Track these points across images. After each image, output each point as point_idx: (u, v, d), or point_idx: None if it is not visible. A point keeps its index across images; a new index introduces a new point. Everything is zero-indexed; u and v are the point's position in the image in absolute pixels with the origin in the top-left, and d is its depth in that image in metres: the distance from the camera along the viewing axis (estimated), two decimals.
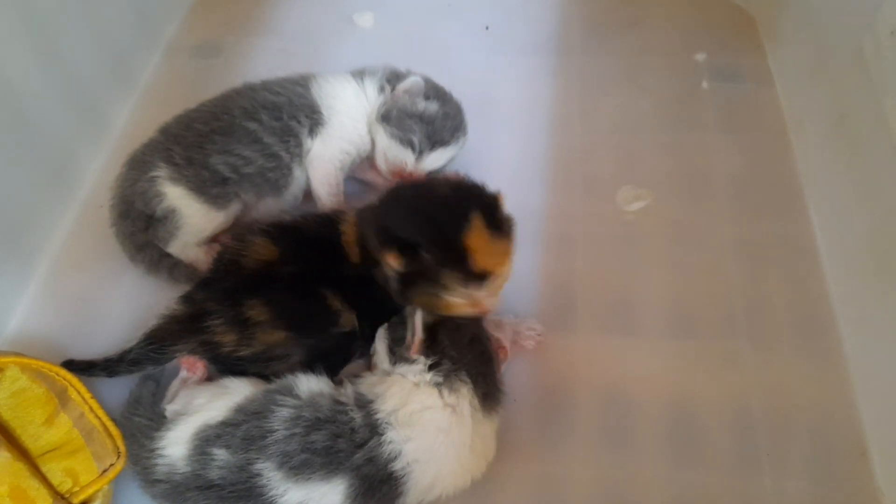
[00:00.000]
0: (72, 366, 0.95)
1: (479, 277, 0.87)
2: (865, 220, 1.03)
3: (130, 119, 1.34)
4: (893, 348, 0.94)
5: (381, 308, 0.95)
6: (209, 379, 0.97)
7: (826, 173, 1.15)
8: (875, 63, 1.02)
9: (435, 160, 1.14)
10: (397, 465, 0.82)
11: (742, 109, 1.32)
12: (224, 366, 0.95)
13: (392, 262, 0.87)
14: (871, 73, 1.02)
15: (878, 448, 0.94)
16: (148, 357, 0.95)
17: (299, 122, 1.11)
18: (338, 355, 0.97)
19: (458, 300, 0.88)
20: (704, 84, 1.37)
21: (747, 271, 1.11)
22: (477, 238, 0.86)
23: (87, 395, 0.93)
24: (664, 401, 1.00)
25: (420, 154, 1.12)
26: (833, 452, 0.95)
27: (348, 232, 0.97)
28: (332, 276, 0.95)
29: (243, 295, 0.93)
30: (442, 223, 0.87)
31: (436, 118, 1.12)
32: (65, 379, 0.93)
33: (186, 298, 0.98)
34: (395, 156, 1.13)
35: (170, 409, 0.90)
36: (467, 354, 0.88)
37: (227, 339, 0.92)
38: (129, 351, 0.95)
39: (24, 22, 1.09)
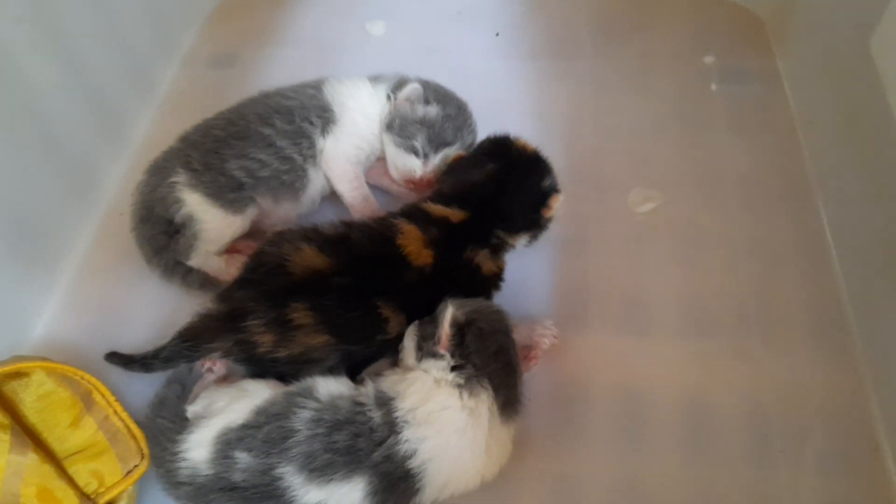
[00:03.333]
0: (113, 358, 0.97)
1: None
2: (876, 218, 1.03)
3: (150, 128, 1.37)
4: None
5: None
6: (226, 379, 0.98)
7: (836, 172, 1.16)
8: (883, 62, 1.02)
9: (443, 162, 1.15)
10: (414, 463, 0.82)
11: (751, 111, 1.32)
12: (255, 367, 0.95)
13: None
14: (878, 72, 1.03)
15: (891, 444, 0.94)
16: (181, 354, 0.94)
17: (311, 122, 1.13)
18: (373, 360, 0.97)
19: None
20: (713, 86, 1.37)
21: (759, 270, 1.12)
22: None
23: (112, 398, 0.95)
24: (678, 399, 1.01)
25: (426, 158, 1.14)
26: (847, 449, 0.95)
27: (410, 243, 0.98)
28: (389, 287, 0.95)
29: (288, 298, 0.92)
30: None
31: (436, 121, 1.14)
32: (89, 382, 0.95)
33: (224, 297, 0.96)
34: (403, 164, 1.15)
35: (190, 409, 0.91)
36: (491, 364, 0.88)
37: (264, 339, 0.91)
38: (164, 348, 0.94)
39: (47, 36, 1.12)
